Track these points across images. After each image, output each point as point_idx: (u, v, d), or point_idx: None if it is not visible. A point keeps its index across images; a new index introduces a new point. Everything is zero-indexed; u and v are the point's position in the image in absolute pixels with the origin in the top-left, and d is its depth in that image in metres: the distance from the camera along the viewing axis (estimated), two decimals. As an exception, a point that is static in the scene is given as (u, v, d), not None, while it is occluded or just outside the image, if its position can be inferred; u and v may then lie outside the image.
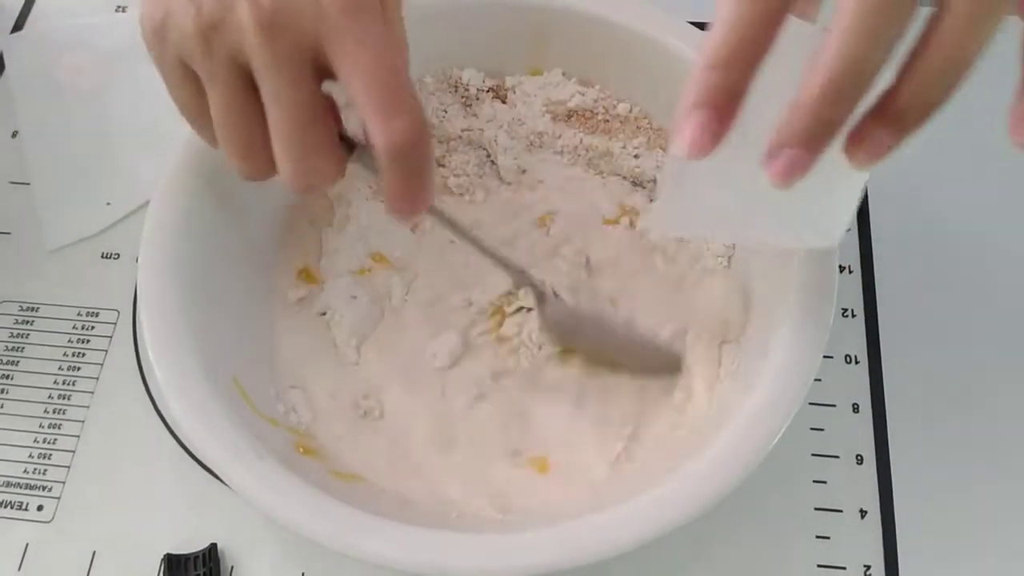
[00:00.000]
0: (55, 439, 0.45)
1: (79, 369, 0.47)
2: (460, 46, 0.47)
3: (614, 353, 0.43)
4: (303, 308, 0.45)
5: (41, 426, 0.45)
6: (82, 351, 0.47)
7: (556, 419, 0.42)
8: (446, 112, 0.48)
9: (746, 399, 0.36)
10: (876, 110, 0.28)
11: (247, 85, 0.32)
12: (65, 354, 0.47)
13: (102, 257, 0.50)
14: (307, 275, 0.46)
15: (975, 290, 0.48)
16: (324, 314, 0.44)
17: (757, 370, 0.37)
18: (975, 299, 0.47)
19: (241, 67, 0.31)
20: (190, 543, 0.42)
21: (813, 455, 0.43)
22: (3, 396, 0.46)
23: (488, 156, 0.48)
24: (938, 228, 0.49)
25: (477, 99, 0.49)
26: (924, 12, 0.27)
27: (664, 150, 0.47)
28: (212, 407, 0.36)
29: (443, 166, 0.48)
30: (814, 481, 0.43)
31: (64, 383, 0.46)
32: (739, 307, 0.42)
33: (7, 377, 0.47)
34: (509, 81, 0.49)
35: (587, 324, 0.43)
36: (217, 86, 0.32)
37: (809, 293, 0.37)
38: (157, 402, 0.45)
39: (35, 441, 0.45)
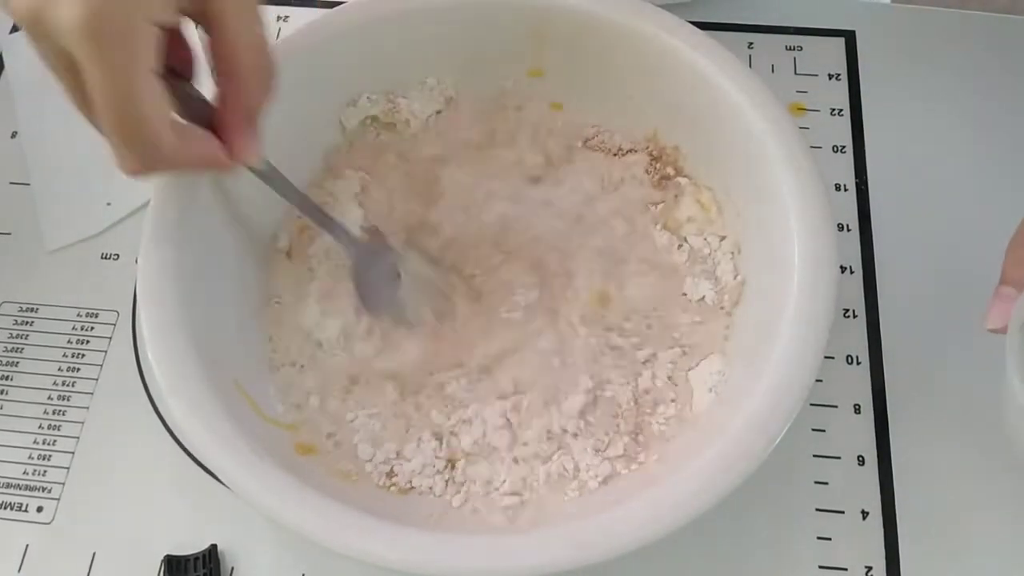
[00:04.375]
0: (54, 440, 0.45)
1: (79, 370, 0.47)
2: (460, 47, 0.47)
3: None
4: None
5: (40, 427, 0.45)
6: (82, 352, 0.47)
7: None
8: None
9: (747, 400, 0.36)
10: None
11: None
12: (65, 355, 0.47)
13: (102, 257, 0.50)
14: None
15: (976, 290, 0.47)
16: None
17: (758, 371, 0.37)
18: (976, 299, 0.47)
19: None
20: (190, 544, 0.42)
21: (815, 456, 0.43)
22: (2, 397, 0.46)
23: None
24: (938, 228, 0.49)
25: None
26: None
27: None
28: (212, 408, 0.36)
29: None
30: (816, 482, 0.43)
31: (64, 384, 0.46)
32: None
33: (7, 378, 0.47)
34: None
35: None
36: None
37: (810, 293, 0.37)
38: (157, 403, 0.45)
39: (34, 442, 0.45)
